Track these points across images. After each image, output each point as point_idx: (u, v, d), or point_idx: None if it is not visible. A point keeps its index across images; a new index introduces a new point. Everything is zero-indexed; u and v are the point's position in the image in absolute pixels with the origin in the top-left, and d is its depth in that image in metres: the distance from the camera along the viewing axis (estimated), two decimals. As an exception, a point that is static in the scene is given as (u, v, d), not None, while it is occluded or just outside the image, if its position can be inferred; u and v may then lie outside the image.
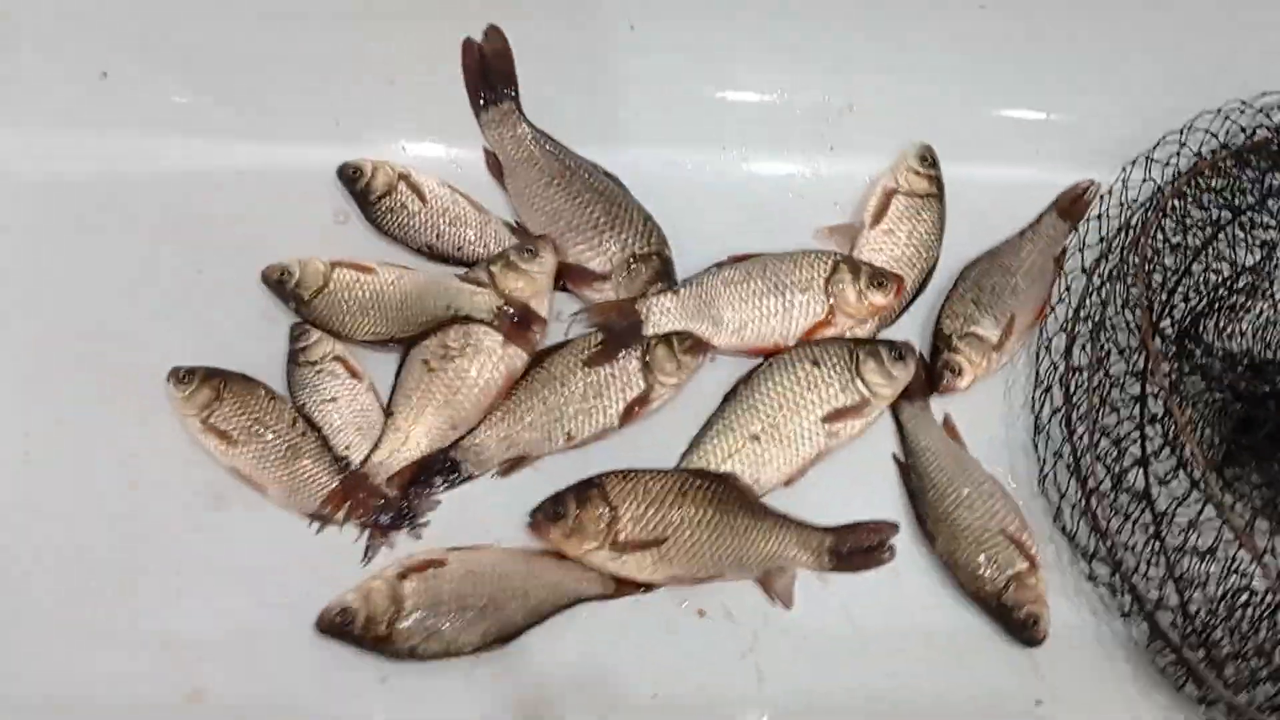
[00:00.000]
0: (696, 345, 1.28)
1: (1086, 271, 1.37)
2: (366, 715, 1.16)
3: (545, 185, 1.36)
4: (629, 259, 1.32)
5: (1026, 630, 1.21)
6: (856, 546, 1.24)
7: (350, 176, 1.35)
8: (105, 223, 1.37)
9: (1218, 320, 1.29)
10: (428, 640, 1.15)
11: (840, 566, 1.23)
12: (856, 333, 1.34)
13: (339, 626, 1.15)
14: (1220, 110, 1.40)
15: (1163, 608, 1.18)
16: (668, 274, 1.33)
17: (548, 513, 1.18)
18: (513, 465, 1.27)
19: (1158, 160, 1.41)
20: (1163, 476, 1.22)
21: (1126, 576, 1.19)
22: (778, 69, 1.45)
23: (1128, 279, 1.29)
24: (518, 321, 1.27)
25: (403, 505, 1.23)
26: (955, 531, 1.24)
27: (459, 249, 1.35)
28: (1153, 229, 1.31)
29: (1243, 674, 1.14)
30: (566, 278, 1.34)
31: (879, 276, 1.31)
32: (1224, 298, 1.30)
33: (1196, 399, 1.26)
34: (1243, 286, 1.31)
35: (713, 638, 1.22)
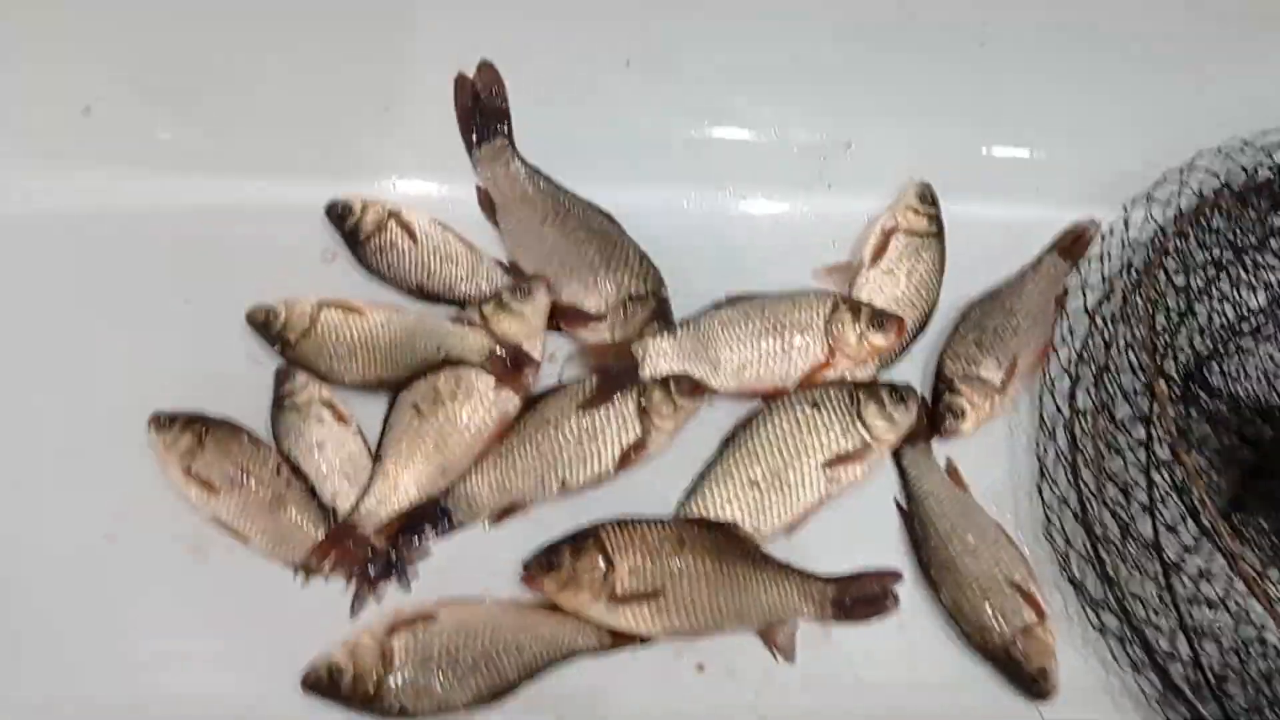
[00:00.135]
0: (694, 388, 1.25)
1: (1089, 313, 1.35)
2: (353, 777, 1.13)
3: (539, 223, 1.34)
4: (624, 299, 1.30)
5: (1036, 684, 1.18)
6: (860, 596, 1.21)
7: (339, 215, 1.33)
8: (86, 261, 1.34)
9: (1223, 364, 1.27)
10: (418, 698, 1.12)
11: (843, 617, 1.20)
12: (857, 374, 1.31)
13: (325, 685, 1.11)
14: (1220, 149, 1.39)
15: (1174, 659, 1.15)
16: (664, 315, 1.31)
17: (542, 563, 1.15)
18: (505, 513, 1.24)
19: (1158, 199, 1.40)
20: (1170, 523, 1.20)
21: (1137, 628, 1.17)
22: (775, 106, 1.43)
23: (1132, 320, 1.27)
24: (510, 364, 1.23)
25: (391, 556, 1.20)
26: (960, 580, 1.22)
27: (450, 288, 1.32)
28: (1156, 270, 1.30)
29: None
30: (560, 319, 1.31)
31: (879, 317, 1.29)
32: (1229, 340, 1.29)
33: (1204, 443, 1.24)
34: (1248, 330, 1.29)
35: (713, 692, 1.19)
